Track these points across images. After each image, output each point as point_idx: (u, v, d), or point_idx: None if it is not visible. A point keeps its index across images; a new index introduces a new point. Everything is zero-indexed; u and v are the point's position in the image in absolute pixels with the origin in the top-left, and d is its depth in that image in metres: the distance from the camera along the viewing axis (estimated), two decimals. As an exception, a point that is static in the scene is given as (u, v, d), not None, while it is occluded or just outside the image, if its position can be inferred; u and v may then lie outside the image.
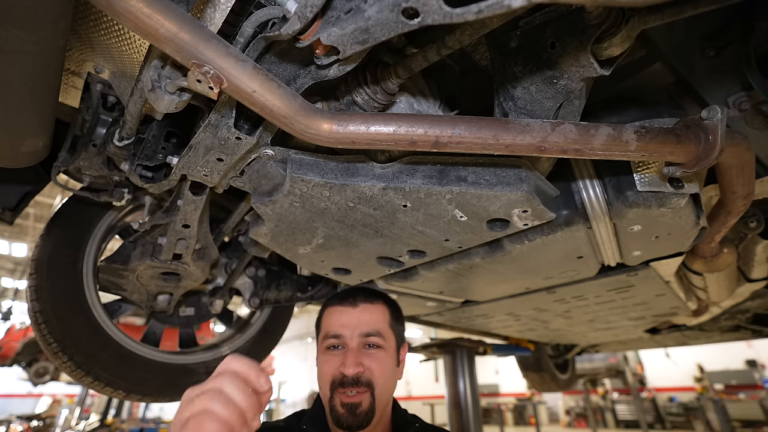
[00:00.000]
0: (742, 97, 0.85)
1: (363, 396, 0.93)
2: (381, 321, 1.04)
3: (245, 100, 0.57)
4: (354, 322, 1.01)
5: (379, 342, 1.00)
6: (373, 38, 0.54)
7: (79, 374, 1.29)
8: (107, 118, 1.03)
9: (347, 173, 0.84)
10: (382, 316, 1.05)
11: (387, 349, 1.02)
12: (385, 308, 1.07)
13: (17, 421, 9.99)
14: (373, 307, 1.05)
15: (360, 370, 0.95)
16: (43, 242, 1.32)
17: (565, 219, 1.02)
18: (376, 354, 0.99)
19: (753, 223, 1.30)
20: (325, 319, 1.07)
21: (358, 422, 0.92)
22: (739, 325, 2.81)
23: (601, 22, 0.57)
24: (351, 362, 0.95)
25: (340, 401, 0.93)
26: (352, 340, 0.99)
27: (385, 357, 1.00)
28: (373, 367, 0.97)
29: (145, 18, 0.47)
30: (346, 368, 0.94)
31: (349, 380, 0.94)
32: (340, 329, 1.01)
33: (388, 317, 1.06)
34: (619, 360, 11.65)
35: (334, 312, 1.05)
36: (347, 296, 1.07)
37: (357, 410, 0.92)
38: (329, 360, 0.99)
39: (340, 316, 1.03)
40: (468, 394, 3.09)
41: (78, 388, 11.09)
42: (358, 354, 0.98)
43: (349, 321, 1.02)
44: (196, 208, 1.08)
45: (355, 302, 1.04)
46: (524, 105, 0.71)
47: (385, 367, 0.99)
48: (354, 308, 1.03)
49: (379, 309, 1.06)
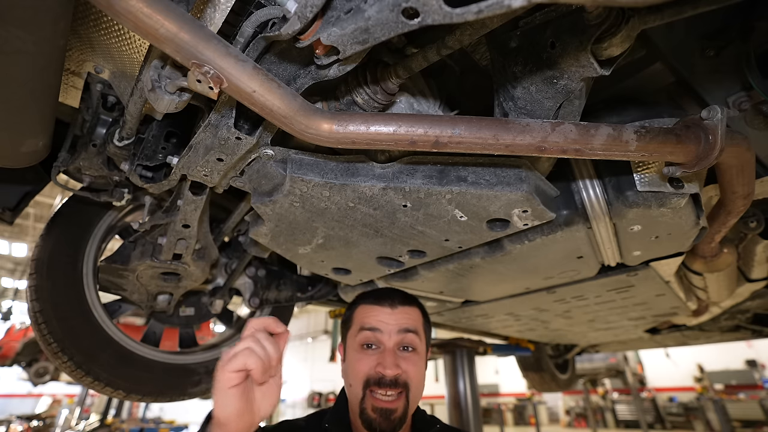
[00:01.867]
0: (742, 97, 0.85)
1: (398, 402, 0.92)
2: (417, 323, 1.02)
3: (245, 100, 0.57)
4: (392, 321, 0.99)
5: (415, 343, 0.99)
6: (373, 38, 0.54)
7: (79, 374, 1.29)
8: (107, 118, 1.03)
9: (347, 173, 0.84)
10: (417, 319, 1.03)
11: (420, 353, 1.00)
12: (419, 312, 1.06)
13: (17, 421, 9.99)
14: (410, 309, 1.03)
15: (399, 372, 0.93)
16: (43, 242, 1.32)
17: (565, 219, 1.02)
18: (412, 357, 0.98)
19: (753, 223, 1.30)
20: (358, 314, 1.03)
21: (391, 427, 0.90)
22: (739, 325, 2.81)
23: (601, 22, 0.57)
24: (390, 362, 0.93)
25: (373, 405, 0.91)
26: (390, 340, 0.97)
27: (419, 361, 0.99)
28: (409, 369, 0.95)
29: (145, 18, 0.47)
30: (385, 369, 0.93)
31: (386, 381, 0.92)
32: (377, 324, 0.98)
33: (422, 321, 1.05)
34: (619, 360, 11.65)
35: (371, 310, 1.02)
36: (384, 296, 1.04)
37: (392, 416, 0.91)
38: (364, 358, 0.96)
39: (378, 314, 1.00)
40: (468, 394, 3.09)
41: (78, 388, 11.09)
42: (395, 355, 0.96)
43: (387, 320, 0.99)
44: (196, 208, 1.08)
45: (393, 303, 1.02)
46: (524, 105, 0.71)
47: (419, 371, 0.99)
48: (393, 309, 1.01)
49: (416, 311, 1.04)
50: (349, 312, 1.08)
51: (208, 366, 1.58)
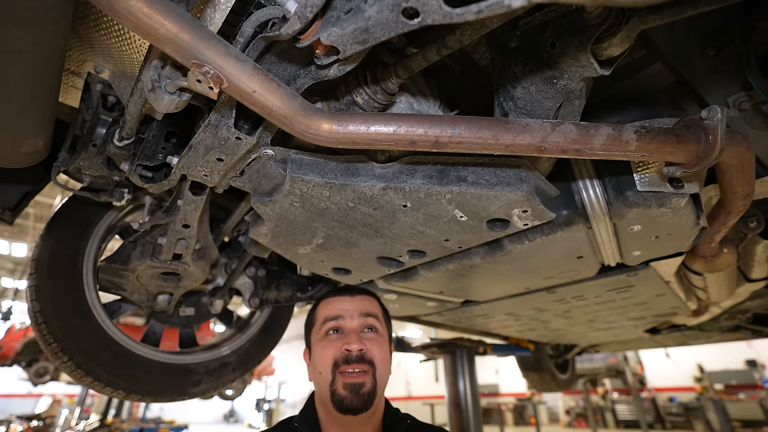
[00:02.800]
0: (742, 97, 0.85)
1: (366, 376, 0.96)
2: (377, 309, 1.10)
3: (245, 100, 0.57)
4: (352, 306, 1.06)
5: (376, 325, 1.05)
6: (373, 38, 0.54)
7: (79, 374, 1.29)
8: (107, 118, 1.03)
9: (347, 173, 0.84)
10: (376, 307, 1.11)
11: (383, 336, 1.06)
12: (377, 302, 1.13)
13: (17, 421, 9.98)
14: (368, 297, 1.12)
15: (363, 348, 0.98)
16: (43, 242, 1.32)
17: (565, 219, 1.02)
18: (375, 338, 1.03)
19: (753, 223, 1.30)
20: (320, 309, 1.10)
21: (362, 402, 0.93)
22: (739, 325, 2.81)
23: (601, 22, 0.57)
24: (354, 339, 0.99)
25: (343, 383, 0.94)
26: (353, 322, 1.03)
27: (382, 341, 1.05)
28: (373, 348, 1.00)
29: (145, 18, 0.47)
30: (350, 345, 0.97)
31: (353, 357, 0.96)
32: (339, 311, 1.05)
33: (381, 310, 1.12)
34: (619, 360, 11.64)
35: (331, 301, 1.09)
36: (343, 289, 1.13)
37: (361, 390, 0.93)
38: (329, 344, 1.01)
39: (338, 303, 1.07)
40: (468, 394, 3.09)
41: (78, 388, 11.09)
42: (358, 334, 1.02)
43: (348, 305, 1.06)
44: (196, 208, 1.08)
45: (352, 293, 1.10)
46: (524, 105, 0.71)
47: (383, 350, 1.03)
48: (352, 297, 1.09)
49: (374, 301, 1.12)
50: (312, 312, 1.14)
51: (208, 366, 1.58)
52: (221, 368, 1.61)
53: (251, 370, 1.73)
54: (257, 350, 1.74)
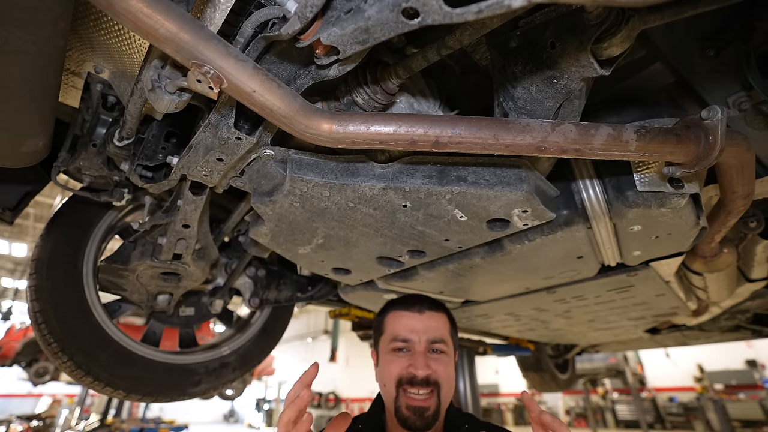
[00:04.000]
0: (742, 97, 0.85)
1: (431, 400, 0.99)
2: (444, 329, 1.11)
3: (245, 100, 0.57)
4: (421, 327, 1.07)
5: (443, 348, 1.07)
6: (373, 38, 0.54)
7: (79, 374, 1.29)
8: (107, 118, 1.03)
9: (347, 173, 0.84)
10: (444, 324, 1.12)
11: (449, 355, 1.08)
12: (446, 317, 1.14)
13: (17, 421, 9.99)
14: (437, 315, 1.12)
15: (429, 372, 1.00)
16: (43, 242, 1.32)
17: (565, 219, 1.02)
18: (441, 358, 1.05)
19: (753, 223, 1.30)
20: (389, 322, 1.12)
21: (425, 423, 0.97)
22: (739, 325, 2.81)
23: (601, 22, 0.57)
24: (421, 364, 1.01)
25: (406, 404, 0.98)
26: (420, 344, 1.05)
27: (449, 361, 1.07)
28: (439, 370, 1.02)
29: (145, 18, 0.47)
30: (416, 369, 1.00)
31: (418, 380, 0.99)
32: (408, 334, 1.06)
33: (449, 326, 1.13)
34: (619, 360, 11.64)
35: (401, 317, 1.10)
36: (413, 303, 1.13)
37: (425, 414, 0.97)
38: (395, 360, 1.04)
39: (408, 321, 1.09)
40: (468, 394, 3.09)
41: (78, 388, 11.10)
42: (425, 357, 1.03)
43: (416, 326, 1.07)
44: (196, 208, 1.08)
45: (422, 309, 1.11)
46: (524, 105, 0.71)
47: (449, 371, 1.06)
48: (421, 315, 1.10)
49: (443, 317, 1.13)
50: (380, 318, 1.17)
51: (208, 366, 1.58)
52: (221, 368, 1.61)
53: (251, 370, 1.73)
54: (257, 350, 1.74)
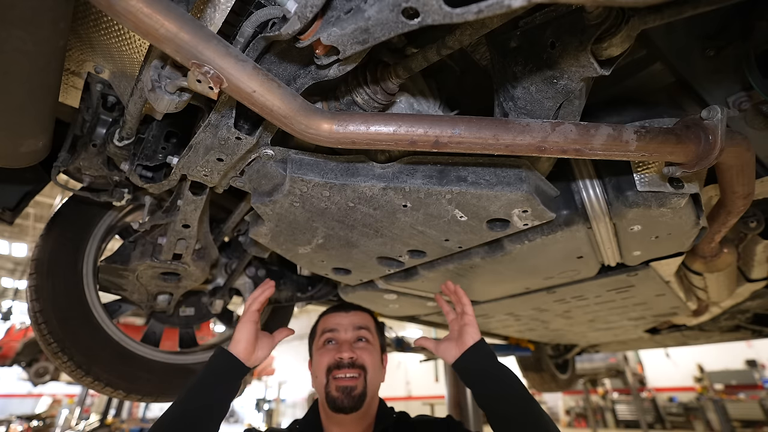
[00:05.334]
0: (742, 97, 0.85)
1: (358, 380, 1.10)
2: (369, 323, 1.27)
3: (245, 100, 0.57)
4: (347, 321, 1.23)
5: (368, 336, 1.21)
6: (373, 38, 0.54)
7: (79, 374, 1.29)
8: (107, 118, 1.02)
9: (347, 173, 0.84)
10: (369, 320, 1.28)
11: (374, 345, 1.22)
12: (371, 317, 1.30)
13: (17, 421, 9.99)
14: (362, 313, 1.28)
15: (354, 355, 1.13)
16: (43, 242, 1.32)
17: (565, 219, 1.02)
18: (366, 346, 1.19)
19: (753, 223, 1.30)
20: (320, 323, 1.28)
21: (353, 403, 1.07)
22: (739, 325, 2.81)
23: (601, 22, 0.57)
24: (346, 348, 1.14)
25: (336, 386, 1.09)
26: (346, 334, 1.20)
27: (373, 350, 1.20)
28: (364, 355, 1.15)
29: (145, 18, 0.47)
30: (342, 353, 1.12)
31: (344, 363, 1.11)
32: (334, 325, 1.22)
33: (373, 323, 1.28)
34: (619, 360, 11.64)
35: (329, 317, 1.27)
36: (340, 306, 1.30)
37: (352, 393, 1.07)
38: (325, 353, 1.17)
39: (335, 318, 1.25)
40: (468, 394, 3.09)
41: (78, 388, 11.08)
42: (351, 345, 1.17)
43: (342, 320, 1.23)
44: (196, 208, 1.08)
45: (348, 309, 1.27)
46: (524, 105, 0.71)
47: (374, 358, 1.18)
48: (347, 313, 1.26)
49: (367, 315, 1.29)
50: (313, 327, 1.31)
51: (208, 366, 1.57)
52: (221, 368, 1.60)
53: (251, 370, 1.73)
54: (257, 350, 1.73)
